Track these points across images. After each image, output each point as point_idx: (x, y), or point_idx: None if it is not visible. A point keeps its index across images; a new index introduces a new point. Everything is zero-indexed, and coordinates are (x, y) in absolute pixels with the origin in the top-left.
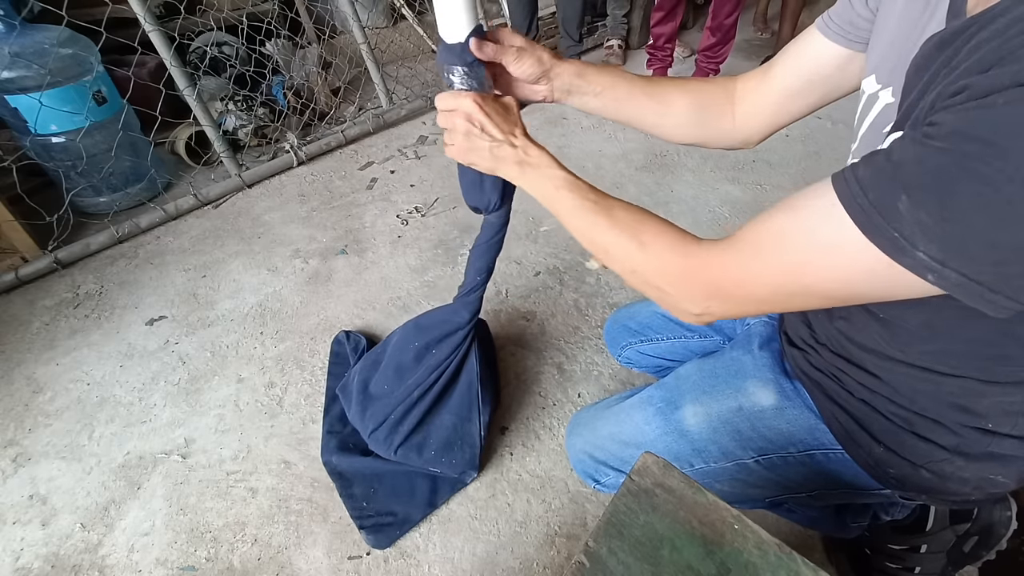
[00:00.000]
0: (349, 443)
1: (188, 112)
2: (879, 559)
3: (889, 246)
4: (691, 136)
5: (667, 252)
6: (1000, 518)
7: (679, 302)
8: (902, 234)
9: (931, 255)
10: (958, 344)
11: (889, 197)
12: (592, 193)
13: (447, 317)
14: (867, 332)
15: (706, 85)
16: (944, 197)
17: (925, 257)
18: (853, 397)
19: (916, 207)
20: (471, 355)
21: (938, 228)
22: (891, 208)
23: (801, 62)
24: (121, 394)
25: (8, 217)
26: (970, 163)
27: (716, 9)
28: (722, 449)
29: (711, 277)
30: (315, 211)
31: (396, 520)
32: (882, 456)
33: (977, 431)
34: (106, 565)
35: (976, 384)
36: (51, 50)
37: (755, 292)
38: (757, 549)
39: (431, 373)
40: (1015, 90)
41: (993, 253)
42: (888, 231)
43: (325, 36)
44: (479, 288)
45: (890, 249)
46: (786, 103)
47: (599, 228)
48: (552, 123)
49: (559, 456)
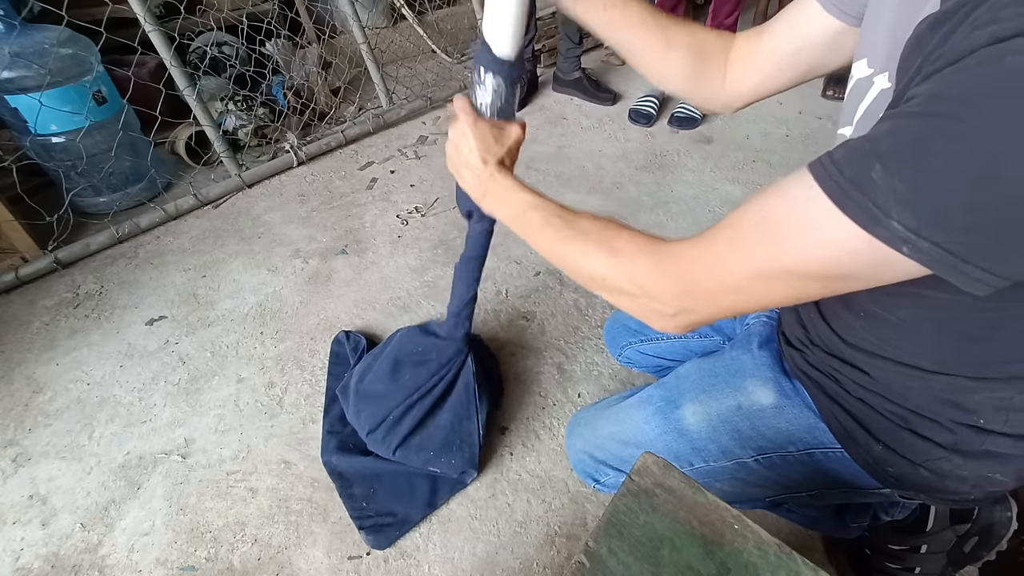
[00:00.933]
0: (349, 443)
1: (188, 112)
2: (879, 559)
3: (864, 217)
4: (681, 84)
5: (639, 254)
6: (1000, 518)
7: (652, 302)
8: (876, 203)
9: (905, 224)
10: (945, 341)
11: (863, 169)
12: (558, 209)
13: (442, 338)
14: (856, 332)
15: (710, 36)
16: (918, 161)
17: (899, 227)
18: (850, 396)
19: (890, 175)
20: (468, 362)
21: (912, 195)
22: (865, 179)
23: (792, 29)
24: (121, 394)
25: (8, 217)
26: (944, 122)
27: (716, 9)
28: (722, 448)
29: (685, 271)
30: (315, 211)
31: (396, 520)
32: (881, 454)
33: (971, 428)
34: (106, 565)
35: (965, 381)
36: (51, 50)
37: (732, 281)
38: (757, 549)
39: (430, 378)
40: (989, 48)
41: (966, 217)
42: (862, 201)
43: (325, 36)
44: (469, 304)
45: (865, 220)
46: (774, 73)
47: (568, 242)
48: (552, 123)
49: (559, 456)
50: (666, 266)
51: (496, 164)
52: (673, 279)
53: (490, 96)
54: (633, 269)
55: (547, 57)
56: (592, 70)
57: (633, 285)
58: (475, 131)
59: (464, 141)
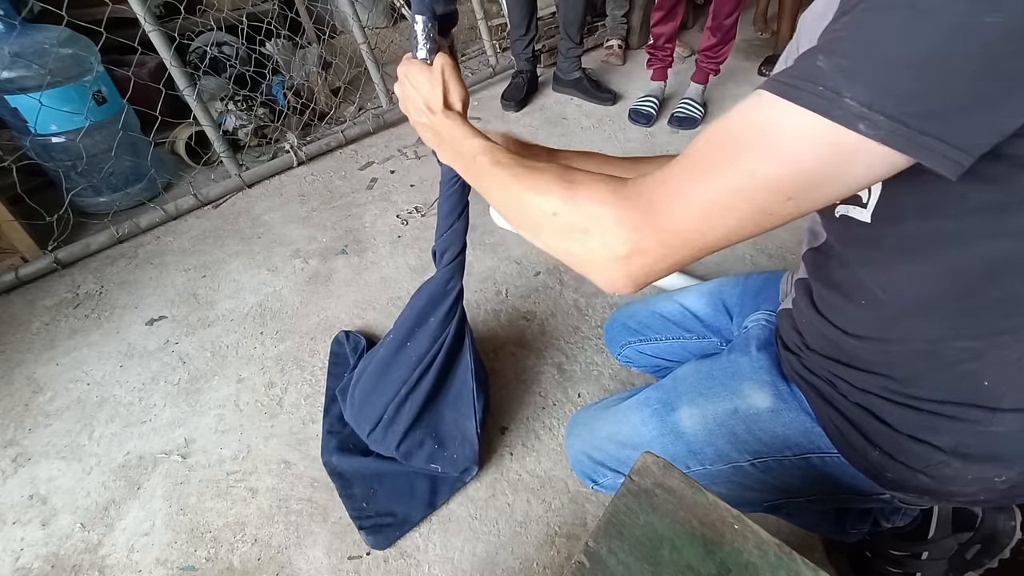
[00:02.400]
0: (349, 443)
1: (188, 112)
2: (879, 562)
3: (816, 102)
4: None
5: (598, 182)
6: (1004, 527)
7: (604, 238)
8: (826, 86)
9: (857, 98)
10: (946, 301)
11: (808, 63)
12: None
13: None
14: (859, 322)
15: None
16: (861, 33)
17: (852, 103)
18: (847, 401)
19: (835, 57)
20: (465, 346)
21: (858, 66)
22: (811, 69)
23: None
24: (121, 394)
25: (8, 217)
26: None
27: (716, 9)
28: (718, 452)
29: (644, 197)
30: (315, 211)
31: (396, 521)
32: (878, 460)
33: (981, 409)
34: (106, 565)
35: (973, 344)
36: (51, 50)
37: (695, 204)
38: (757, 549)
39: (432, 344)
40: None
41: (912, 78)
42: (812, 88)
43: (325, 36)
44: (460, 253)
45: (818, 105)
46: None
47: (519, 179)
48: (552, 123)
49: (559, 456)
50: (625, 193)
51: (443, 110)
52: (631, 210)
53: (421, 37)
54: (589, 197)
55: (547, 57)
56: (592, 70)
57: (586, 217)
58: (410, 79)
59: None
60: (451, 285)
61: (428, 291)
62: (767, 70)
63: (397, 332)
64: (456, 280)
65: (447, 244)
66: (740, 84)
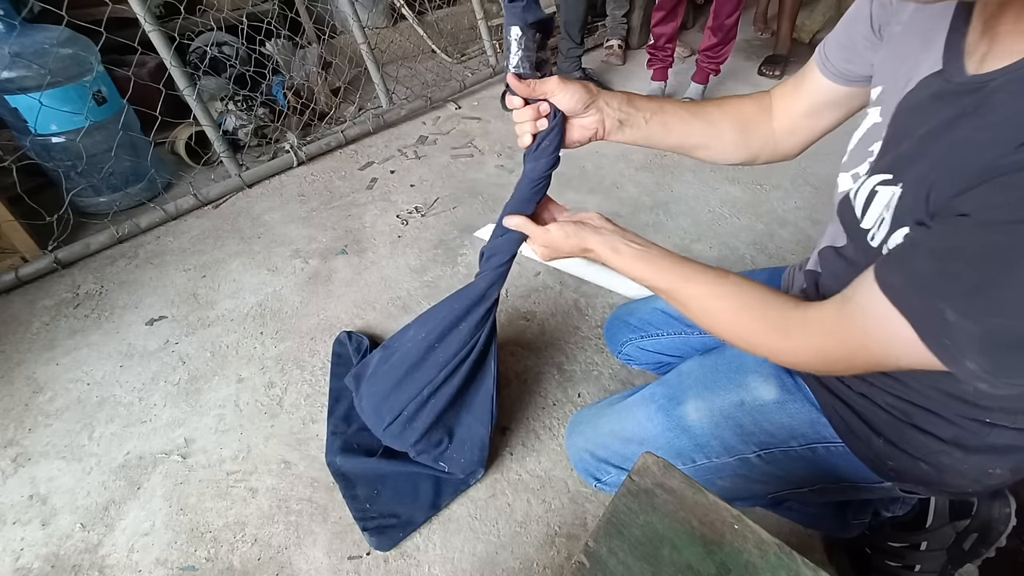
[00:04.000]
0: (353, 444)
1: (188, 112)
2: (879, 557)
3: (943, 354)
4: (739, 156)
5: (811, 338)
6: (999, 515)
7: (791, 358)
8: (952, 340)
9: (982, 367)
10: None
11: (934, 305)
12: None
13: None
14: None
15: (744, 104)
16: (988, 304)
17: (975, 368)
18: (852, 391)
19: (963, 318)
20: (491, 353)
21: (986, 339)
22: (938, 318)
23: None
24: (121, 394)
25: (8, 217)
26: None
27: (717, 9)
28: (724, 444)
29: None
30: (315, 211)
31: (399, 522)
32: (881, 448)
33: (975, 423)
34: (106, 565)
35: None
36: (51, 50)
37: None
38: (757, 549)
39: (461, 348)
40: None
41: None
42: (940, 340)
43: (325, 36)
44: (507, 262)
45: (944, 357)
46: (813, 124)
47: (737, 318)
48: None
49: (559, 456)
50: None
51: (604, 244)
52: (813, 352)
53: (515, 49)
54: (799, 357)
55: None
56: (593, 70)
57: (794, 358)
58: (558, 251)
59: (554, 251)
60: (490, 291)
61: (468, 295)
62: (767, 70)
63: (427, 331)
64: (496, 287)
65: (496, 249)
66: (740, 84)
